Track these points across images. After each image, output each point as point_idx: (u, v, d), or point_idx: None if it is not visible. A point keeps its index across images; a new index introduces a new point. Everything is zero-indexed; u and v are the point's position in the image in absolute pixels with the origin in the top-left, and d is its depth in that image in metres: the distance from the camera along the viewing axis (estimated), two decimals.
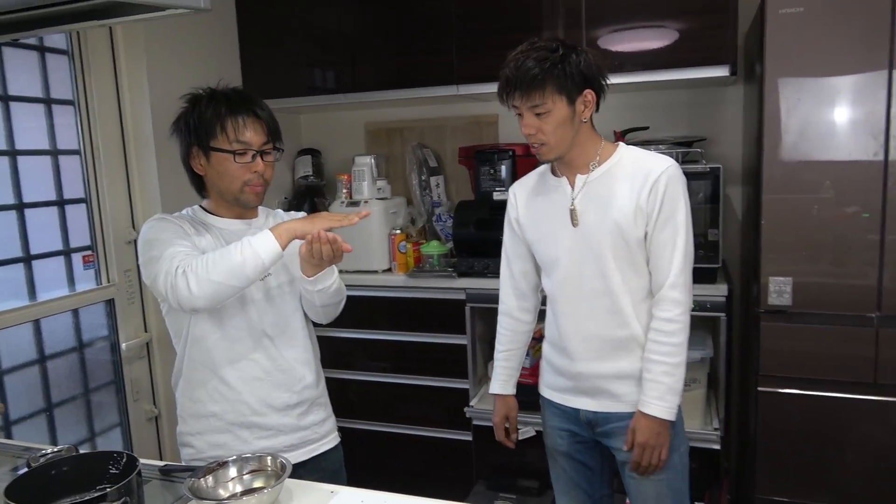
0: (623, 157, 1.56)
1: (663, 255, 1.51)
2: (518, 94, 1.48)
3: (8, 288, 2.07)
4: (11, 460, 1.47)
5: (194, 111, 1.49)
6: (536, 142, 1.51)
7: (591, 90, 1.51)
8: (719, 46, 2.34)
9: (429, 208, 2.95)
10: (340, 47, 2.81)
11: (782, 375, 2.07)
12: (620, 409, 1.59)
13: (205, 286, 1.35)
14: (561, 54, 1.46)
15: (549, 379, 1.71)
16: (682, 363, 1.53)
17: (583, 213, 1.55)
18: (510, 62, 1.49)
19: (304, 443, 1.62)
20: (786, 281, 2.06)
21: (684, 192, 1.52)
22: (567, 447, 1.70)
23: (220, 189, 1.52)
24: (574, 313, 1.60)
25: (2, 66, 2.07)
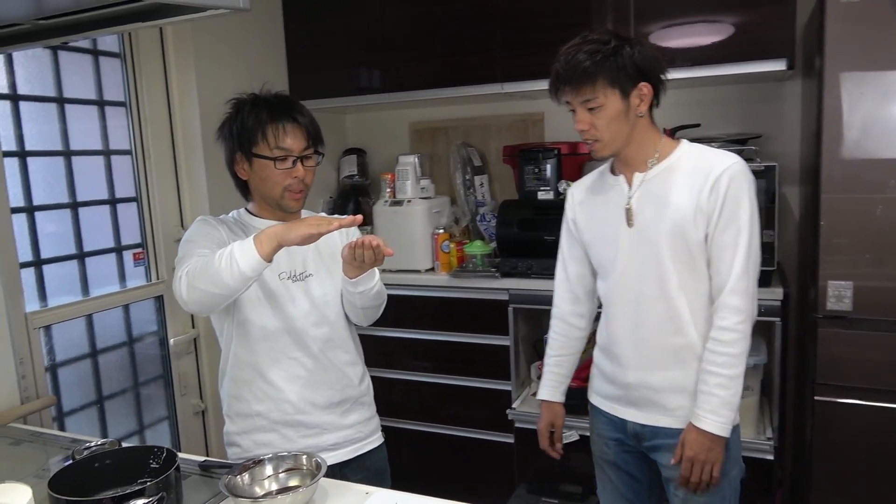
0: (684, 154, 1.48)
1: (723, 258, 1.43)
2: (568, 88, 1.44)
3: (62, 283, 2.14)
4: (61, 451, 1.51)
5: (237, 118, 1.52)
6: (590, 138, 1.46)
7: (648, 83, 1.44)
8: (776, 39, 2.24)
9: (472, 208, 2.93)
10: (385, 47, 2.81)
11: (841, 384, 1.97)
12: (670, 423, 1.51)
13: (192, 292, 1.36)
14: (613, 46, 1.41)
15: (598, 385, 1.65)
16: (738, 376, 1.43)
17: (639, 212, 1.48)
18: (561, 56, 1.45)
19: (348, 441, 1.62)
20: (846, 285, 1.96)
21: (750, 192, 1.43)
22: (614, 457, 1.63)
23: (262, 193, 1.55)
24: (627, 318, 1.53)
25: (57, 70, 2.14)
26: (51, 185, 2.12)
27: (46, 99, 2.12)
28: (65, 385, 2.13)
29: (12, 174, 1.98)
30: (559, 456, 1.75)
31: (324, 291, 1.58)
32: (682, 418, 1.48)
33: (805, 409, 2.13)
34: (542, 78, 2.54)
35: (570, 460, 2.51)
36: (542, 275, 2.50)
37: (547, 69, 2.57)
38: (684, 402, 1.49)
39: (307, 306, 1.56)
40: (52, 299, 2.09)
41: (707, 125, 2.58)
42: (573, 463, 2.51)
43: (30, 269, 2.03)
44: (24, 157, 2.03)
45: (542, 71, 2.56)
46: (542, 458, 2.56)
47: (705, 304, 1.47)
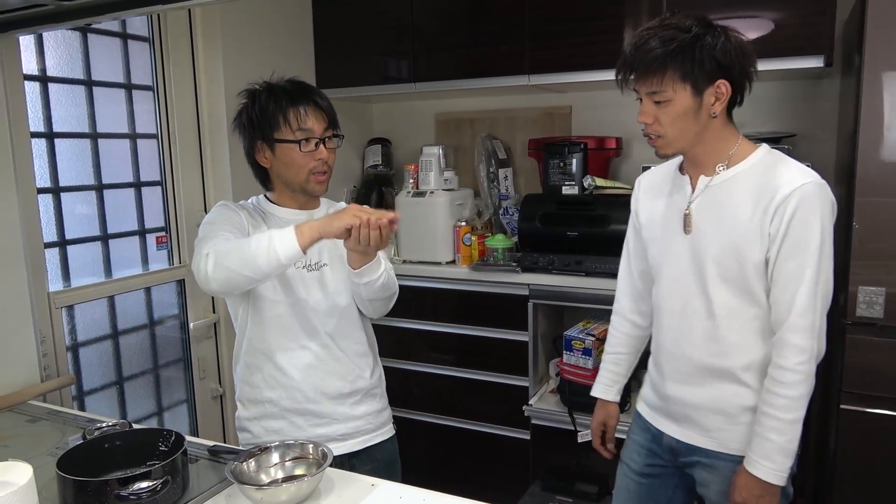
0: (758, 162, 1.33)
1: (786, 288, 1.29)
2: (634, 76, 1.30)
3: (86, 264, 2.17)
4: (77, 430, 1.53)
5: (254, 106, 1.52)
6: (652, 133, 1.34)
7: (727, 81, 1.28)
8: (814, 35, 2.17)
9: (495, 201, 2.90)
10: (412, 37, 2.79)
11: (868, 393, 1.90)
12: (707, 445, 1.42)
13: (219, 271, 1.35)
14: (693, 35, 1.25)
15: (644, 392, 1.59)
16: (797, 421, 1.31)
17: (697, 220, 1.37)
18: (633, 39, 1.30)
19: (358, 432, 1.62)
20: (878, 291, 1.89)
21: (822, 217, 1.26)
22: (640, 466, 1.57)
23: (286, 179, 1.55)
24: (671, 329, 1.45)
25: (87, 53, 2.16)
26: (77, 167, 2.15)
27: (75, 81, 2.14)
28: (85, 365, 2.16)
29: (40, 155, 2.01)
30: (611, 456, 1.68)
31: (337, 282, 1.58)
32: (719, 440, 1.41)
33: (830, 417, 2.07)
34: (570, 70, 2.55)
35: (585, 459, 2.49)
36: (564, 271, 2.47)
37: (576, 61, 2.56)
38: (721, 423, 1.40)
39: (320, 295, 1.56)
40: (76, 280, 2.12)
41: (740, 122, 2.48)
42: (589, 462, 2.49)
43: (54, 250, 2.06)
44: (51, 139, 2.06)
45: (570, 63, 2.56)
46: (558, 455, 2.55)
47: (758, 331, 1.35)
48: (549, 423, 2.53)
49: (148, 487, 1.15)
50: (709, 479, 1.45)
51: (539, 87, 2.68)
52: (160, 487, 1.16)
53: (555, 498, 2.44)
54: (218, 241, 1.40)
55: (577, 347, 2.45)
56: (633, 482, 1.59)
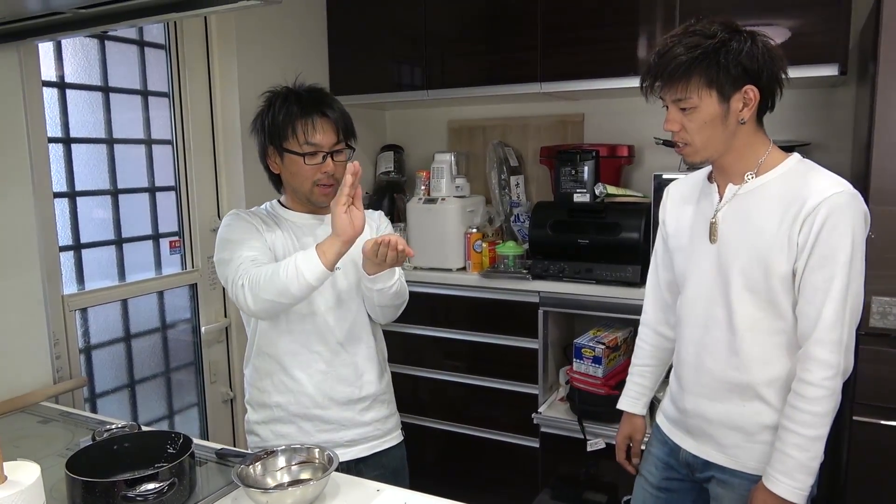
0: (788, 171, 1.30)
1: (812, 301, 1.25)
2: (660, 84, 1.29)
3: (100, 268, 2.19)
4: (88, 432, 1.55)
5: (269, 112, 1.54)
6: (679, 140, 1.32)
7: (755, 87, 1.25)
8: (828, 44, 2.16)
9: (507, 208, 2.90)
10: (426, 44, 2.80)
11: (882, 405, 1.88)
12: (724, 462, 1.40)
13: (259, 303, 1.41)
14: (718, 41, 1.23)
15: (664, 405, 1.57)
16: (820, 438, 1.27)
17: (724, 229, 1.34)
18: (658, 47, 1.29)
19: (366, 439, 1.62)
20: (892, 302, 1.86)
21: (854, 228, 1.23)
22: (657, 480, 1.54)
23: (293, 187, 1.57)
24: (693, 341, 1.43)
25: (104, 59, 2.20)
26: (93, 171, 2.18)
27: (93, 88, 2.17)
28: (98, 367, 2.18)
29: (56, 160, 2.04)
30: (635, 471, 1.64)
31: (350, 286, 1.58)
32: (735, 458, 1.38)
33: (842, 428, 2.04)
34: (583, 78, 2.55)
35: (594, 468, 2.48)
36: (574, 278, 2.46)
37: (589, 69, 2.56)
38: (739, 440, 1.37)
39: (332, 300, 1.57)
40: (90, 283, 2.15)
41: None
42: (598, 471, 2.47)
43: (69, 253, 2.09)
44: (68, 144, 2.09)
45: (582, 71, 2.56)
46: (568, 464, 2.54)
47: (781, 345, 1.32)
48: (559, 431, 2.52)
49: (155, 489, 1.16)
50: (722, 496, 1.42)
51: (551, 94, 2.68)
52: (167, 489, 1.17)
53: None
54: (246, 268, 1.44)
55: (588, 355, 2.44)
56: (651, 495, 1.56)
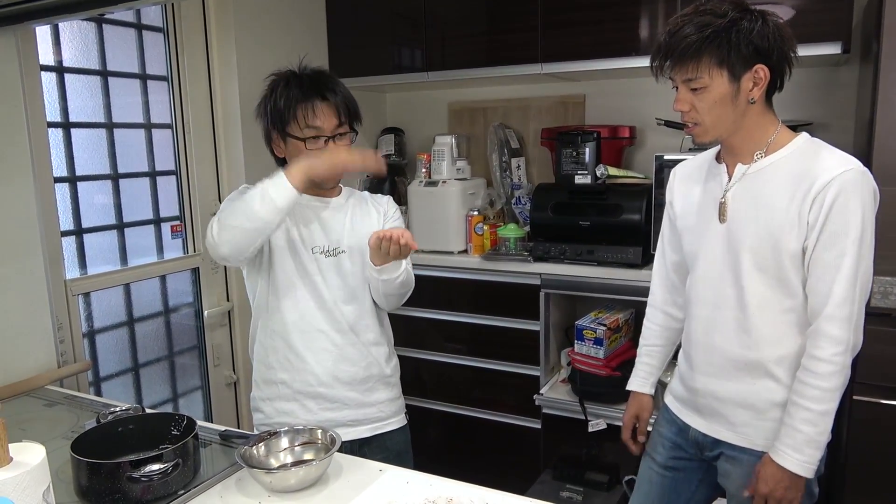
0: (797, 150, 1.30)
1: (823, 278, 1.25)
2: (670, 63, 1.29)
3: (102, 253, 2.20)
4: (93, 415, 1.56)
5: (272, 97, 1.53)
6: (689, 120, 1.32)
7: (766, 66, 1.26)
8: (831, 21, 2.14)
9: (508, 190, 2.90)
10: (425, 26, 2.78)
11: (882, 385, 1.89)
12: (733, 440, 1.40)
13: (224, 232, 1.39)
14: (729, 20, 1.23)
15: (673, 385, 1.58)
16: (829, 413, 1.28)
17: (733, 208, 1.34)
18: (668, 27, 1.29)
19: (369, 419, 1.63)
20: (893, 281, 1.87)
21: (864, 205, 1.23)
22: (664, 459, 1.56)
23: None
24: (702, 320, 1.43)
25: (102, 44, 2.18)
26: (93, 156, 2.18)
27: (91, 72, 2.16)
28: (102, 351, 2.20)
29: (56, 145, 2.04)
30: (639, 451, 1.65)
31: (355, 269, 1.59)
32: (745, 435, 1.39)
33: (842, 408, 2.05)
34: (584, 58, 2.53)
35: (596, 449, 2.50)
36: (576, 260, 2.47)
37: (589, 50, 2.54)
38: (749, 418, 1.38)
39: (338, 282, 1.57)
40: (92, 268, 2.15)
41: None
42: (600, 452, 2.49)
43: (71, 238, 2.09)
44: (68, 129, 2.09)
45: (583, 51, 2.54)
46: (569, 444, 2.55)
47: (791, 323, 1.32)
48: (560, 413, 2.54)
49: (159, 470, 1.17)
50: (731, 471, 1.43)
51: (552, 75, 2.67)
52: (171, 470, 1.18)
53: (565, 486, 2.45)
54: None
55: (589, 337, 2.45)
56: (657, 475, 1.57)
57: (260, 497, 1.22)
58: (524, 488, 2.47)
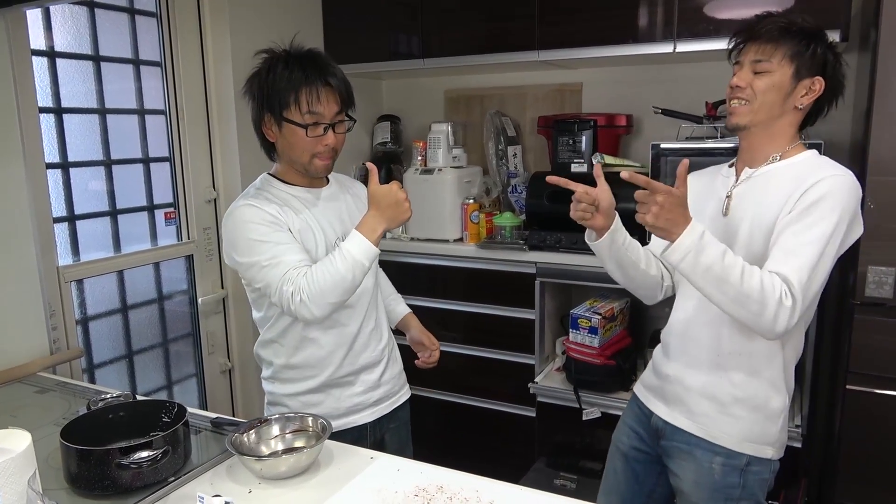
0: (801, 161, 1.37)
1: (789, 240, 1.25)
2: (752, 41, 1.35)
3: (95, 239, 2.19)
4: (84, 402, 1.56)
5: (268, 76, 1.45)
6: (739, 98, 1.36)
7: (823, 80, 1.34)
8: (830, 9, 2.11)
9: (504, 179, 2.88)
10: (422, 12, 2.76)
11: (875, 374, 1.89)
12: (689, 428, 1.44)
13: (325, 308, 1.39)
14: (813, 32, 1.34)
15: (644, 376, 1.61)
16: (735, 287, 1.20)
17: (736, 204, 1.40)
18: (761, 14, 1.38)
19: (388, 396, 1.67)
20: (888, 271, 1.86)
21: (845, 207, 1.26)
22: (627, 448, 1.60)
23: (290, 158, 1.51)
24: (685, 309, 1.47)
25: (94, 28, 2.16)
26: (86, 142, 2.16)
27: (83, 56, 2.14)
28: (95, 338, 2.19)
29: (48, 130, 2.02)
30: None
31: None
32: (703, 426, 1.42)
33: (836, 397, 2.06)
34: (580, 46, 2.51)
35: (590, 437, 2.50)
36: (571, 249, 2.46)
37: (586, 37, 2.52)
38: (710, 410, 1.42)
39: None
40: (85, 254, 2.14)
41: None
42: (594, 440, 2.50)
43: (63, 224, 2.08)
44: (60, 115, 2.07)
45: (579, 38, 2.52)
46: (564, 433, 2.56)
47: None
48: (555, 401, 2.54)
49: (149, 457, 1.17)
50: (684, 468, 1.46)
51: (549, 63, 2.65)
52: (161, 457, 1.18)
53: (559, 474, 2.46)
54: (292, 276, 1.38)
55: (584, 326, 2.45)
56: (621, 464, 1.62)
57: (250, 484, 1.22)
58: (518, 476, 2.48)
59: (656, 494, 1.60)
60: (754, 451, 1.40)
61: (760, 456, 1.40)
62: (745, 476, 1.40)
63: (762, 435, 1.40)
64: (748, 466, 1.40)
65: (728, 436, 1.40)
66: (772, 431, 1.41)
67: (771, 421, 1.40)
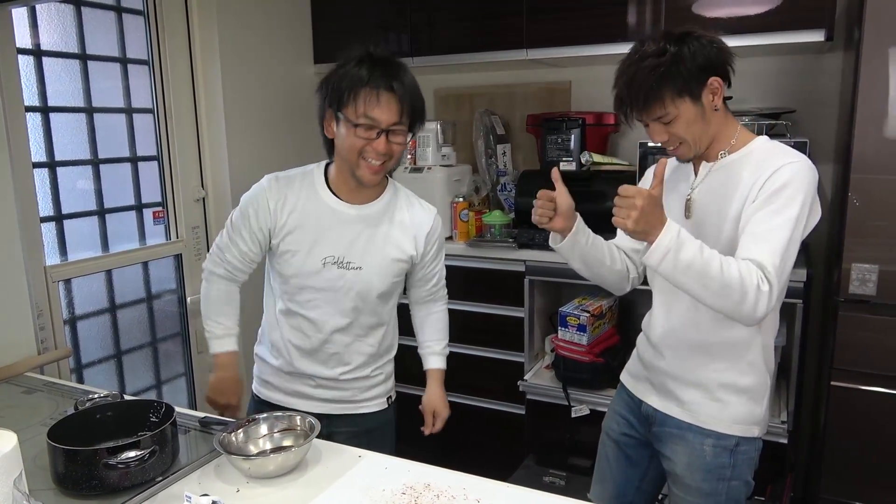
0: (755, 150, 1.38)
1: (758, 227, 1.27)
2: (636, 111, 1.36)
3: (83, 239, 2.18)
4: (72, 402, 1.55)
5: (338, 71, 1.43)
6: (672, 145, 1.39)
7: (717, 76, 1.34)
8: (815, 8, 2.14)
9: (493, 177, 2.89)
10: (411, 10, 2.76)
11: (858, 370, 1.91)
12: (680, 415, 1.47)
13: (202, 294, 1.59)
14: (672, 54, 1.31)
15: (630, 365, 1.64)
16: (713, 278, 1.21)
17: (698, 205, 1.42)
18: (619, 78, 1.37)
19: (384, 388, 1.72)
20: (871, 268, 1.88)
21: (806, 192, 1.28)
22: (617, 435, 1.63)
23: (341, 156, 1.47)
24: (663, 304, 1.50)
25: (81, 26, 2.15)
26: (73, 141, 2.15)
27: (70, 55, 2.13)
28: (83, 338, 2.19)
29: (35, 129, 2.01)
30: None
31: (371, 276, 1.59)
32: (693, 413, 1.46)
33: (821, 393, 2.08)
34: (568, 45, 2.52)
35: (579, 434, 2.51)
36: None
37: (574, 35, 2.53)
38: (698, 397, 1.45)
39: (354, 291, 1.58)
40: (73, 254, 2.13)
41: (739, 98, 2.48)
42: (583, 437, 2.51)
43: (50, 224, 2.07)
44: (46, 113, 2.06)
45: (568, 37, 2.53)
46: (553, 430, 2.57)
47: None
48: (544, 399, 2.55)
49: (136, 457, 1.17)
50: (676, 452, 1.49)
51: (538, 61, 2.65)
52: (148, 457, 1.18)
53: (548, 471, 2.47)
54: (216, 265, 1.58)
55: (573, 323, 2.46)
56: (613, 451, 1.65)
57: (238, 483, 1.23)
58: (508, 473, 2.49)
59: (648, 477, 1.63)
60: (742, 432, 1.44)
61: (748, 435, 1.44)
62: (735, 456, 1.44)
63: (749, 416, 1.44)
64: (737, 447, 1.44)
65: (718, 420, 1.43)
66: (757, 412, 1.44)
67: (756, 402, 1.44)
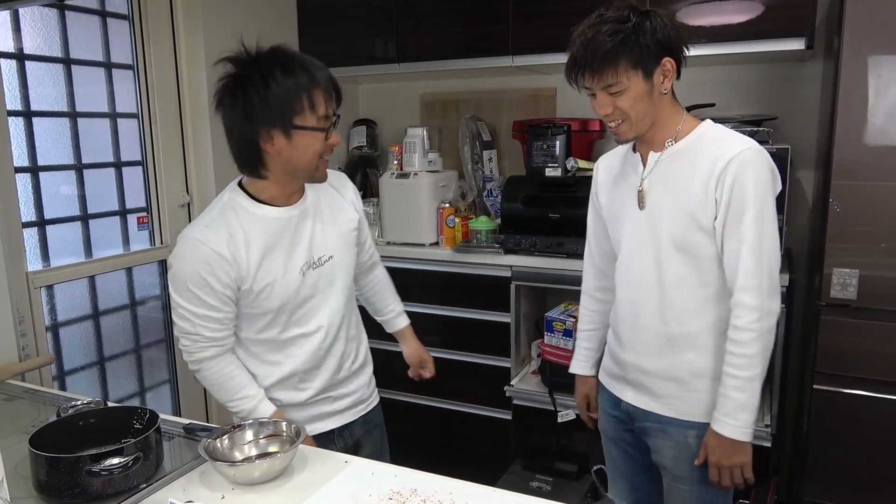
0: (702, 135, 1.39)
1: (732, 251, 1.34)
2: (588, 73, 1.34)
3: (66, 245, 2.16)
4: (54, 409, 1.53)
5: (267, 86, 1.29)
6: (613, 120, 1.38)
7: (671, 58, 1.34)
8: (795, 17, 2.17)
9: (479, 183, 2.90)
10: (398, 16, 2.77)
11: (840, 374, 1.93)
12: (659, 409, 1.49)
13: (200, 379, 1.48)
14: (634, 24, 1.31)
15: (605, 363, 1.66)
16: (756, 377, 1.35)
17: (650, 195, 1.43)
18: (576, 39, 1.35)
19: (371, 396, 1.70)
20: (851, 273, 1.91)
21: (760, 181, 1.32)
22: (614, 434, 1.64)
23: (294, 167, 1.36)
24: (628, 300, 1.52)
25: (64, 30, 2.14)
26: (56, 146, 2.13)
27: (53, 59, 2.12)
28: (66, 345, 2.16)
29: (17, 134, 1.99)
30: (594, 427, 1.74)
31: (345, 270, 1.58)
32: (670, 406, 1.47)
33: (804, 397, 2.10)
34: (554, 52, 2.53)
35: (565, 439, 2.52)
36: (546, 252, 2.48)
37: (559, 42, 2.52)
38: (674, 390, 1.46)
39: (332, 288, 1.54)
40: (55, 260, 2.11)
41: (722, 105, 2.51)
42: (569, 442, 2.52)
43: (33, 230, 2.05)
44: (29, 118, 2.04)
45: (554, 44, 2.54)
46: (539, 435, 2.58)
47: (710, 297, 1.40)
48: (530, 404, 2.56)
49: (120, 464, 1.16)
50: (661, 445, 1.51)
51: (524, 68, 2.67)
52: (132, 464, 1.17)
53: (535, 477, 2.47)
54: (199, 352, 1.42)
55: (559, 329, 2.47)
56: (614, 450, 1.67)
57: (224, 490, 1.22)
58: (495, 478, 2.49)
59: (656, 469, 1.62)
60: None
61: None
62: None
63: None
64: None
65: (696, 411, 1.45)
66: None
67: None
